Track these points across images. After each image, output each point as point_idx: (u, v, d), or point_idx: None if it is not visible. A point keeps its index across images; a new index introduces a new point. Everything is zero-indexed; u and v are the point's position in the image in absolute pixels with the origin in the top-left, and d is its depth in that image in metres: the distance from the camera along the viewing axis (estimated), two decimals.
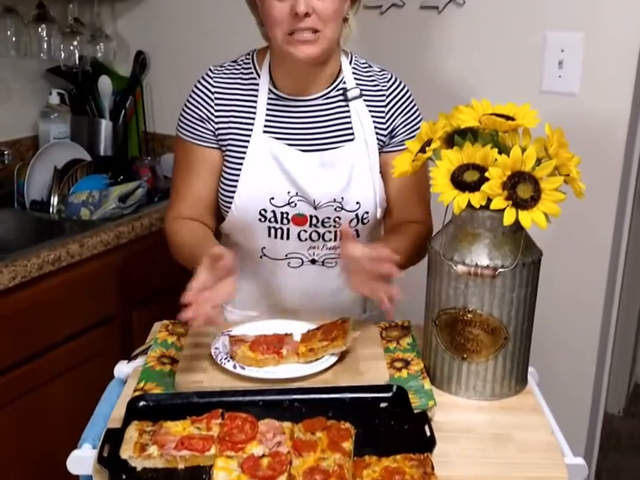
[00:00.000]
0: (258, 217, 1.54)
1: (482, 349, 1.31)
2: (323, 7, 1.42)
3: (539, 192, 1.21)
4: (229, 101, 1.56)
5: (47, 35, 2.46)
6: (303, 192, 1.52)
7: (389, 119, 1.58)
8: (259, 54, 1.59)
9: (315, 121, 1.56)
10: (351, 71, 1.59)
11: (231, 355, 1.38)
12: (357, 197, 1.54)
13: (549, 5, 2.06)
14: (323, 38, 1.45)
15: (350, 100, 1.57)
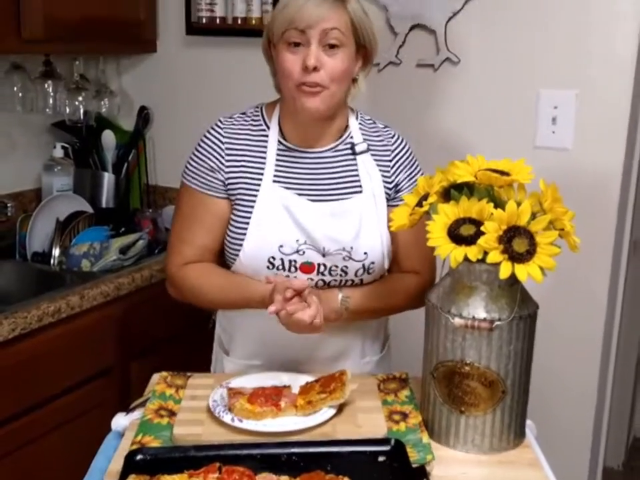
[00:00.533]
0: (266, 265, 1.55)
1: (480, 402, 1.31)
2: (333, 65, 1.48)
3: (535, 246, 1.22)
4: (239, 151, 1.59)
5: (53, 90, 2.50)
6: (312, 240, 1.54)
7: (394, 173, 1.62)
8: (268, 107, 1.63)
9: (323, 172, 1.59)
10: (358, 126, 1.63)
11: (229, 407, 1.38)
12: (365, 247, 1.56)
13: (542, 63, 2.11)
14: (328, 94, 1.50)
15: (358, 154, 1.60)
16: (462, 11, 2.18)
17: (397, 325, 1.83)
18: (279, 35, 1.50)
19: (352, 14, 1.49)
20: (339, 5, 1.47)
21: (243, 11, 2.47)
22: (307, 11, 1.45)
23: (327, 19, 1.45)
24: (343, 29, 1.48)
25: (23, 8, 2.13)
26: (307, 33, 1.46)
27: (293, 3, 1.47)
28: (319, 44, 1.47)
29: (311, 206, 1.56)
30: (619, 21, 2.01)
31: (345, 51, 1.49)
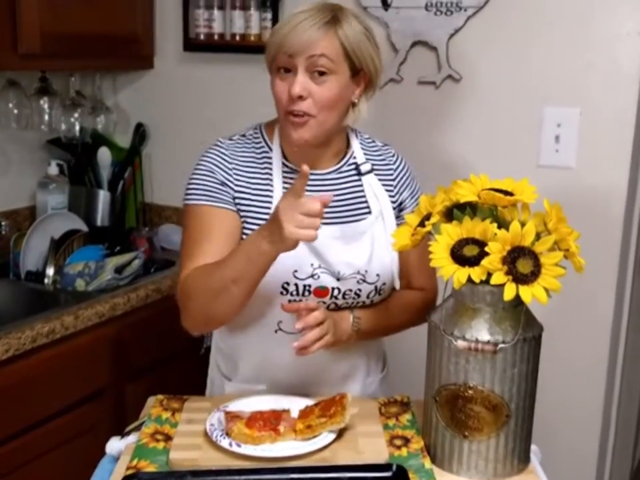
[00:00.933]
0: (280, 291, 1.50)
1: (483, 427, 1.29)
2: (320, 93, 1.44)
3: (539, 267, 1.21)
4: (246, 174, 1.54)
5: (49, 107, 2.50)
6: (326, 264, 1.51)
7: (397, 192, 1.62)
8: (267, 128, 1.60)
9: (329, 193, 1.54)
10: (360, 146, 1.62)
11: (226, 431, 1.36)
12: (378, 269, 1.55)
13: (545, 81, 2.11)
14: (315, 123, 1.46)
15: (363, 174, 1.59)
16: (464, 28, 2.18)
17: (395, 346, 1.81)
18: (270, 59, 1.48)
19: (343, 39, 1.44)
20: (330, 30, 1.43)
21: (241, 27, 2.47)
22: (294, 37, 1.42)
23: (314, 45, 1.41)
24: (332, 56, 1.43)
25: (20, 23, 2.13)
26: (294, 59, 1.43)
27: (283, 27, 1.45)
28: (306, 71, 1.43)
29: (323, 229, 1.48)
30: (623, 39, 2.01)
31: (335, 78, 1.45)
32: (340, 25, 1.44)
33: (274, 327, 1.55)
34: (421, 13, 2.21)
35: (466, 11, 2.16)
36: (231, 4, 2.48)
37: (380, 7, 2.27)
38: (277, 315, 1.52)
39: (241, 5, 2.46)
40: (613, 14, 2.01)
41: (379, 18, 2.27)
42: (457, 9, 2.17)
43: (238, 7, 2.46)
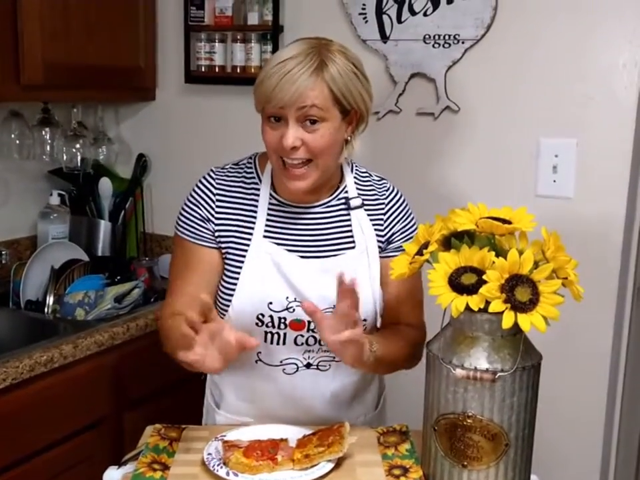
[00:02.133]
0: (255, 322, 1.52)
1: (483, 456, 1.28)
2: (314, 141, 1.43)
3: (538, 295, 1.21)
4: (230, 204, 1.56)
5: (51, 137, 2.51)
6: (301, 297, 1.51)
7: (387, 226, 1.60)
8: (261, 158, 1.61)
9: (315, 228, 1.57)
10: (353, 180, 1.61)
11: (224, 461, 1.35)
12: None
13: (542, 112, 2.13)
14: (315, 168, 1.46)
15: (352, 209, 1.58)
16: (461, 60, 2.20)
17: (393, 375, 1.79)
18: (260, 107, 1.47)
19: (331, 84, 1.41)
20: (317, 77, 1.40)
21: (242, 59, 2.50)
22: (281, 91, 1.39)
23: (303, 96, 1.39)
24: (321, 104, 1.41)
25: (22, 54, 2.15)
26: (284, 110, 1.41)
27: (267, 81, 1.42)
28: (297, 121, 1.42)
29: (301, 262, 1.53)
30: (619, 70, 2.03)
31: (326, 125, 1.44)
32: (327, 68, 1.41)
33: (254, 357, 1.56)
34: (419, 45, 2.24)
35: (463, 44, 2.18)
36: (232, 37, 2.52)
37: (379, 40, 2.29)
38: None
39: (242, 38, 2.50)
40: (609, 45, 2.03)
41: (377, 50, 2.29)
42: (454, 42, 2.19)
43: (239, 40, 2.50)
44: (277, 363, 1.56)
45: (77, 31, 2.31)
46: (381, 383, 1.75)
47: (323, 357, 1.57)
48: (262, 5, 2.46)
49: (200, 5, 2.54)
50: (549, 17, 2.08)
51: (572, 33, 2.07)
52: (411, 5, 2.24)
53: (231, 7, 2.50)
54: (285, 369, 1.56)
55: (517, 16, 2.12)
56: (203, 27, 2.55)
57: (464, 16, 2.17)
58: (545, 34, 2.10)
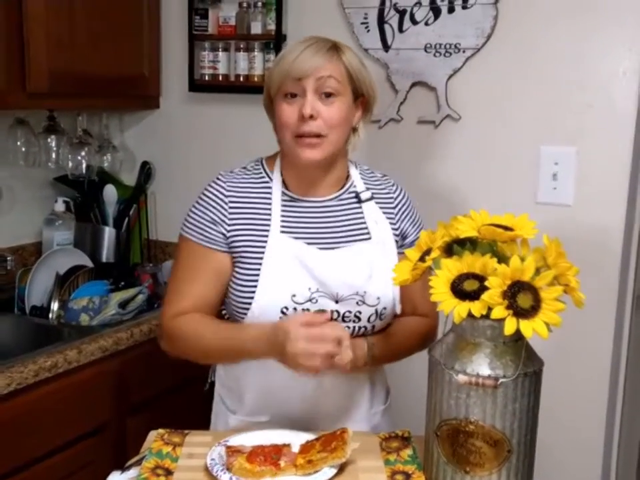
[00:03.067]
0: (279, 315, 1.53)
1: (485, 462, 1.28)
2: (329, 113, 1.50)
3: (539, 301, 1.21)
4: (243, 204, 1.58)
5: (56, 145, 2.53)
6: (324, 286, 1.53)
7: (398, 220, 1.64)
8: (268, 160, 1.65)
9: (330, 220, 1.60)
10: (359, 176, 1.65)
11: (227, 466, 1.35)
12: (378, 292, 1.56)
13: (541, 121, 2.14)
14: (328, 143, 1.52)
15: (363, 201, 1.62)
16: (462, 68, 2.22)
17: (396, 381, 1.80)
18: (276, 87, 1.53)
19: (347, 64, 1.52)
20: (334, 55, 1.51)
21: (245, 68, 2.52)
22: (302, 61, 1.48)
23: (322, 67, 1.49)
24: (338, 78, 1.51)
25: (28, 62, 2.16)
26: (302, 82, 1.49)
27: (289, 54, 1.51)
28: (314, 93, 1.50)
29: (320, 254, 1.56)
30: (619, 78, 2.04)
31: (341, 99, 1.52)
32: (342, 51, 1.53)
33: None
34: (421, 54, 2.25)
35: (464, 53, 2.20)
36: (235, 46, 2.54)
37: (380, 49, 2.31)
38: None
39: (245, 47, 2.51)
40: (609, 53, 2.04)
41: (379, 59, 2.31)
42: (455, 51, 2.21)
43: (242, 49, 2.52)
44: None
45: (82, 40, 2.32)
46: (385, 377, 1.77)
47: None
48: (265, 15, 2.47)
49: (204, 14, 2.55)
50: (549, 26, 2.10)
51: (572, 42, 2.08)
52: (412, 15, 2.25)
53: (234, 16, 2.52)
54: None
55: (518, 25, 2.14)
56: (207, 36, 2.57)
57: (465, 25, 2.18)
58: (545, 43, 2.11)
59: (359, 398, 1.65)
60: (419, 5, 2.24)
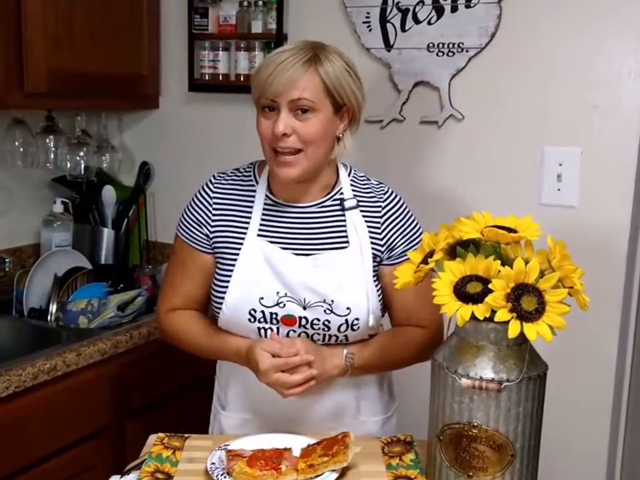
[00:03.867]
0: (248, 317, 1.56)
1: (488, 467, 1.27)
2: (305, 129, 1.48)
3: (544, 304, 1.20)
4: (227, 206, 1.62)
5: (54, 145, 2.52)
6: (292, 291, 1.54)
7: (385, 229, 1.60)
8: (260, 164, 1.66)
9: (309, 226, 1.59)
10: (349, 182, 1.62)
11: (227, 470, 1.35)
12: (348, 302, 1.54)
13: (546, 120, 2.12)
14: (305, 158, 1.50)
15: (347, 209, 1.59)
16: (465, 68, 2.20)
17: (398, 385, 1.79)
18: (255, 100, 1.53)
19: (324, 76, 1.47)
20: (310, 68, 1.46)
21: (245, 67, 2.50)
22: (274, 81, 1.45)
23: (294, 87, 1.45)
24: (313, 96, 1.46)
25: (26, 62, 2.15)
26: (276, 100, 1.47)
27: (263, 71, 1.48)
28: (289, 110, 1.47)
29: (294, 259, 1.56)
30: (624, 78, 2.03)
31: (317, 115, 1.48)
32: (320, 62, 1.47)
33: None
34: (423, 54, 2.24)
35: (468, 52, 2.19)
36: (235, 45, 2.52)
37: (382, 48, 2.29)
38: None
39: (246, 46, 2.50)
40: (614, 53, 2.03)
41: (381, 59, 2.29)
42: (458, 50, 2.19)
43: (242, 48, 2.50)
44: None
45: (80, 39, 2.31)
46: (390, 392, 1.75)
47: None
48: (266, 14, 2.46)
49: (204, 14, 2.54)
50: (554, 26, 2.08)
51: (577, 42, 2.07)
52: (415, 14, 2.24)
53: (234, 15, 2.51)
54: None
55: (522, 25, 2.12)
56: (207, 35, 2.55)
57: (468, 25, 2.17)
58: (550, 42, 2.10)
59: (343, 406, 1.63)
60: (421, 4, 2.22)
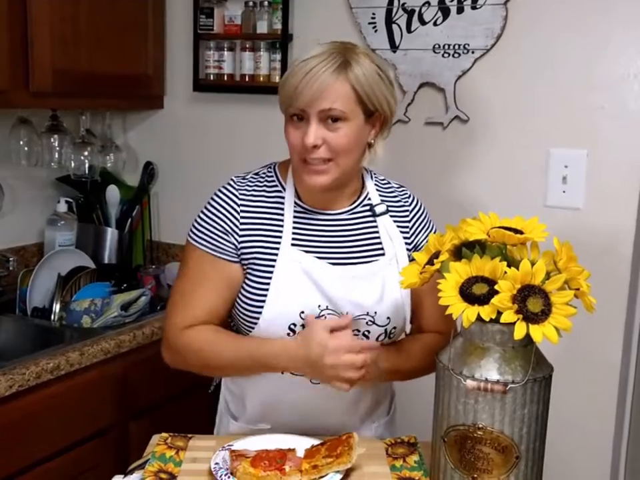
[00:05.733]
0: (287, 332, 1.48)
1: (493, 469, 1.26)
2: (335, 140, 1.42)
3: (550, 306, 1.20)
4: (255, 213, 1.52)
5: (59, 144, 2.51)
6: (334, 304, 1.49)
7: (413, 234, 1.59)
8: (281, 167, 1.58)
9: (343, 235, 1.55)
10: (374, 187, 1.60)
11: (231, 471, 1.34)
12: (388, 312, 1.52)
13: (551, 123, 2.12)
14: (335, 167, 1.45)
15: (378, 215, 1.57)
16: (471, 69, 2.20)
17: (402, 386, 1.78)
18: (283, 108, 1.47)
19: (355, 83, 1.41)
20: (340, 75, 1.40)
21: (250, 68, 2.50)
22: (303, 91, 1.39)
23: (324, 97, 1.39)
24: (343, 105, 1.41)
25: (32, 61, 2.15)
26: (306, 110, 1.42)
27: (291, 79, 1.42)
28: (319, 120, 1.41)
29: (331, 269, 1.50)
30: (630, 80, 2.02)
31: (348, 124, 1.43)
32: (351, 68, 1.41)
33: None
34: (429, 55, 2.24)
35: (473, 53, 2.18)
36: (240, 45, 2.52)
37: (388, 49, 2.29)
38: None
39: (251, 46, 2.50)
40: (620, 55, 2.02)
41: (387, 59, 2.29)
42: (464, 51, 2.19)
43: (248, 49, 2.50)
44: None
45: (86, 39, 2.31)
46: (391, 390, 1.74)
47: None
48: (271, 14, 2.46)
49: (209, 14, 2.54)
50: (560, 27, 2.08)
51: (582, 43, 2.06)
52: (420, 15, 2.24)
53: (240, 15, 2.51)
54: (312, 379, 1.51)
55: (527, 26, 2.12)
56: (212, 35, 2.55)
57: (474, 26, 2.17)
58: (555, 44, 2.09)
59: (361, 411, 1.62)
60: (427, 5, 2.22)
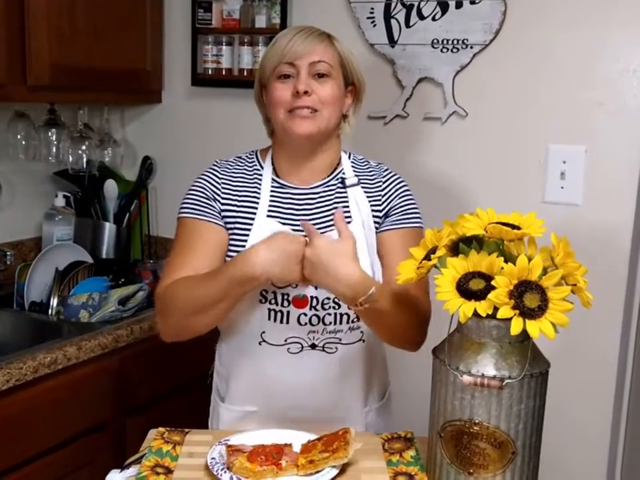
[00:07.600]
0: (259, 298, 1.55)
1: (489, 464, 1.26)
2: (322, 91, 1.55)
3: (546, 301, 1.19)
4: (235, 189, 1.62)
5: (57, 139, 2.52)
6: None
7: (385, 201, 1.63)
8: (262, 151, 1.69)
9: (316, 207, 1.61)
10: (350, 164, 1.67)
11: (227, 465, 1.34)
12: None
13: (550, 118, 2.12)
14: (320, 117, 1.55)
15: (348, 187, 1.63)
16: (470, 65, 2.20)
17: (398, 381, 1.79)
18: (270, 71, 1.57)
19: (338, 48, 1.59)
20: (326, 41, 1.58)
21: (249, 62, 2.50)
22: (295, 45, 1.54)
23: (314, 52, 1.55)
24: (331, 61, 1.57)
25: (29, 55, 2.15)
26: (296, 65, 1.54)
27: (282, 38, 1.57)
28: (308, 74, 1.55)
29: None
30: (629, 76, 2.02)
31: (334, 81, 1.57)
32: (334, 38, 1.61)
33: (258, 339, 1.58)
34: (427, 50, 2.24)
35: (472, 49, 2.18)
36: (239, 40, 2.52)
37: (386, 44, 2.29)
38: (259, 325, 1.57)
39: (249, 40, 2.50)
40: (619, 51, 2.02)
41: (385, 55, 2.29)
42: (463, 46, 2.19)
43: (246, 43, 2.50)
44: (281, 342, 1.57)
45: (83, 33, 2.31)
46: (385, 377, 1.76)
47: (329, 339, 1.58)
48: (270, 8, 2.46)
49: (207, 8, 2.54)
50: (559, 23, 2.08)
51: (582, 39, 2.06)
52: (419, 10, 2.23)
53: (238, 9, 2.50)
54: (290, 348, 1.57)
55: (526, 21, 2.12)
56: (210, 29, 2.55)
57: (473, 21, 2.17)
58: (555, 39, 2.09)
59: (351, 394, 1.64)
60: (426, 0, 2.22)
